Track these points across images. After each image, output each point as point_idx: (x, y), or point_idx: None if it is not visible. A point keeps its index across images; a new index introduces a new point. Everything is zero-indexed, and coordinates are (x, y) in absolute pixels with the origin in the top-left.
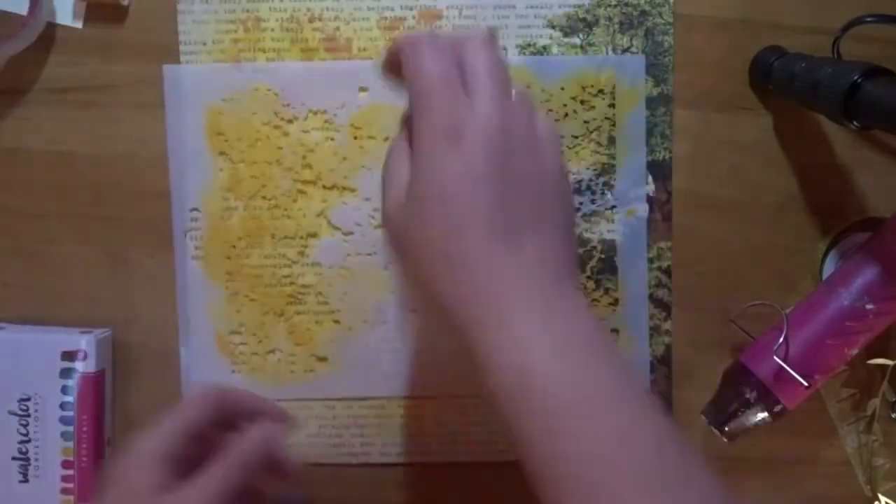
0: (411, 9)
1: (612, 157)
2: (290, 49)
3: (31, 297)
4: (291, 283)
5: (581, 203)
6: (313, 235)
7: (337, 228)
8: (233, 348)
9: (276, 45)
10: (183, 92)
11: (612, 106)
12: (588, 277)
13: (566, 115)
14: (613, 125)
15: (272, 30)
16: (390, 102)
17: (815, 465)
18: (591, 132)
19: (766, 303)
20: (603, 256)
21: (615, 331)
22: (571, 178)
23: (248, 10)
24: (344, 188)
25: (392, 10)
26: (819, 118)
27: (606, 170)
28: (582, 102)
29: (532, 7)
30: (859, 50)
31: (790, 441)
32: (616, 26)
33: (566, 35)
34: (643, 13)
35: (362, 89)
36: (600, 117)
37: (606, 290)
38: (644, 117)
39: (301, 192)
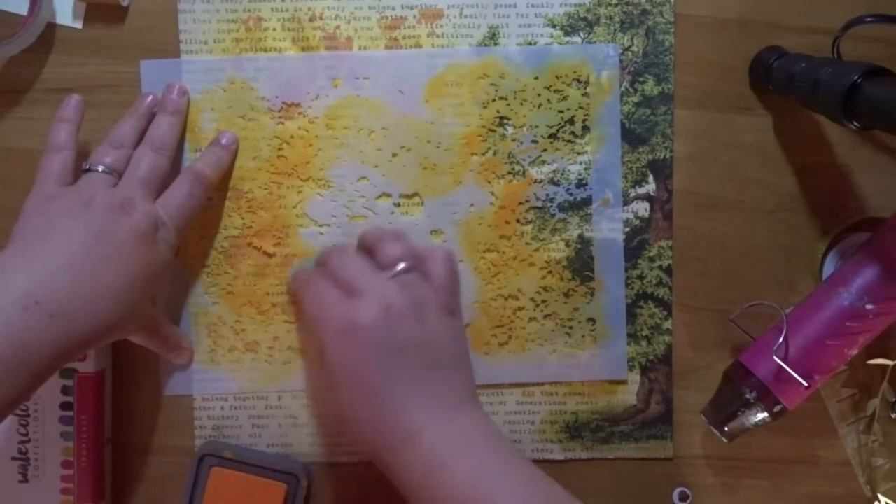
0: (412, 8)
1: (587, 146)
2: (291, 48)
3: None
4: (268, 276)
5: (556, 193)
6: (290, 227)
7: (313, 220)
8: (212, 342)
9: (277, 44)
10: (160, 87)
11: (585, 95)
12: (564, 267)
13: (540, 105)
14: (588, 115)
15: (273, 29)
16: (364, 94)
17: (815, 465)
18: (566, 122)
19: (766, 303)
20: (579, 246)
21: (592, 320)
22: (547, 167)
23: (249, 10)
24: (319, 180)
25: (393, 9)
26: (819, 118)
27: (581, 160)
28: (556, 92)
29: (533, 6)
30: (859, 50)
31: (790, 441)
32: (617, 25)
33: (567, 34)
34: (644, 12)
35: (336, 81)
36: (574, 106)
37: (583, 280)
38: (619, 107)
39: (277, 184)
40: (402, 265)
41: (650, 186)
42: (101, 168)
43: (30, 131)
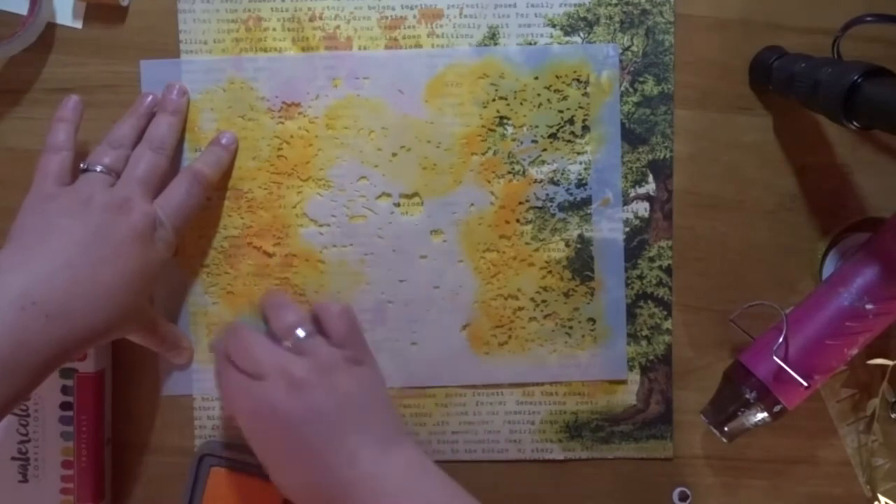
0: (412, 8)
1: (587, 146)
2: (291, 48)
3: None
4: (268, 276)
5: (556, 193)
6: (290, 227)
7: (313, 220)
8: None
9: (277, 44)
10: (160, 87)
11: (585, 95)
12: (564, 267)
13: (540, 104)
14: (588, 115)
15: (273, 29)
16: (364, 94)
17: (815, 465)
18: (565, 122)
19: (766, 303)
20: (579, 246)
21: (592, 320)
22: (547, 167)
23: (249, 10)
24: (319, 180)
25: (393, 9)
26: (819, 118)
27: (581, 160)
28: (556, 91)
29: (533, 6)
30: (859, 50)
31: (790, 441)
32: (617, 25)
33: (567, 34)
34: (644, 12)
35: (335, 81)
36: (574, 106)
37: (583, 280)
38: (619, 107)
39: (277, 184)
40: (298, 332)
41: (650, 186)
42: (99, 168)
43: (30, 131)
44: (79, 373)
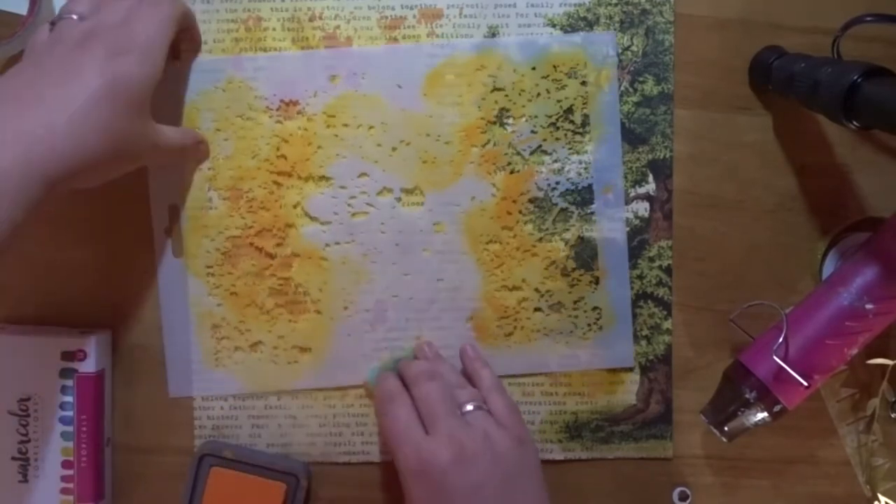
0: (412, 8)
1: (587, 135)
2: (291, 48)
3: (31, 298)
4: (271, 276)
5: (558, 182)
6: (291, 226)
7: (314, 219)
8: (216, 343)
9: (276, 44)
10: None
11: (584, 84)
12: (567, 256)
13: (538, 94)
14: (586, 104)
15: (273, 29)
16: (362, 90)
17: (815, 465)
18: (564, 111)
19: (766, 303)
20: (582, 235)
21: (597, 308)
22: (547, 158)
23: (248, 10)
24: (320, 177)
25: (393, 9)
26: (819, 118)
27: (582, 149)
28: (554, 81)
29: (533, 5)
30: (859, 50)
31: (790, 441)
32: (616, 25)
33: (566, 34)
34: (644, 12)
35: (333, 77)
36: (573, 96)
37: (587, 269)
38: (617, 95)
39: (277, 183)
40: (470, 405)
41: (650, 186)
42: (74, 16)
43: None
44: (79, 373)
